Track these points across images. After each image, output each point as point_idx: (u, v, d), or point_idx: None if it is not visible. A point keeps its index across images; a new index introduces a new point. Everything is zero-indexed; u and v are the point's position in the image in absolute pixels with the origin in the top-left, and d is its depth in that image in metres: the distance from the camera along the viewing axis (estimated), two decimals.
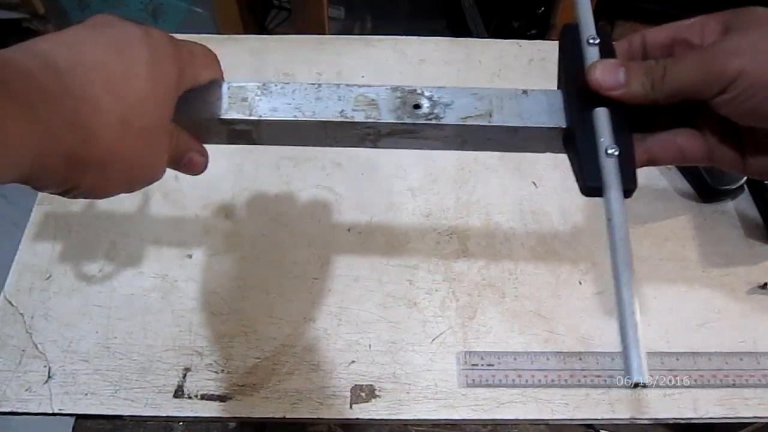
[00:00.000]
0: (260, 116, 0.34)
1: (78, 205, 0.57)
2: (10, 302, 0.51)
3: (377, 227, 0.56)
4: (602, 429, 0.50)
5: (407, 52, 0.69)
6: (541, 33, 1.35)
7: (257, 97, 0.34)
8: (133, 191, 0.31)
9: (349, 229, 0.56)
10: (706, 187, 0.57)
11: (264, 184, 0.59)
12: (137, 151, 0.29)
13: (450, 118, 0.33)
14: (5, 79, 0.23)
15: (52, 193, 0.29)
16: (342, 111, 0.34)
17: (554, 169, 0.60)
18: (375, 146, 0.36)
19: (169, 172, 0.62)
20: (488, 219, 0.57)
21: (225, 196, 0.58)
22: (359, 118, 0.33)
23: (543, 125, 0.33)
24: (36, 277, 0.53)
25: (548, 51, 0.69)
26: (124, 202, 0.57)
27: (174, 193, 0.58)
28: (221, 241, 0.55)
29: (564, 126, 0.33)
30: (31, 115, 0.23)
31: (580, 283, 0.53)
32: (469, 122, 0.33)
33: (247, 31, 1.45)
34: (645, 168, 0.62)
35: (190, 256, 0.54)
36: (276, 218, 0.56)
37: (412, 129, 0.34)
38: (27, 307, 0.51)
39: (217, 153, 0.60)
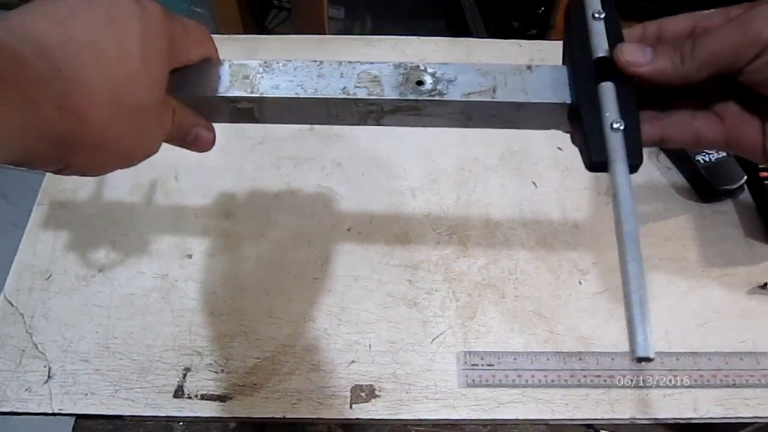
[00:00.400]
0: (262, 93, 0.33)
1: (78, 205, 0.57)
2: (10, 302, 0.51)
3: (377, 227, 0.56)
4: (602, 429, 0.50)
5: (407, 52, 0.69)
6: (541, 33, 1.35)
7: (259, 75, 0.34)
8: (127, 167, 0.31)
9: (349, 229, 0.56)
10: (706, 187, 0.57)
11: (264, 184, 0.59)
12: (129, 129, 0.29)
13: (453, 94, 0.33)
14: None
15: (45, 171, 0.29)
16: (344, 88, 0.33)
17: (554, 169, 0.60)
18: (378, 124, 0.35)
19: (170, 172, 0.62)
20: (488, 219, 0.57)
21: (225, 196, 0.58)
22: (362, 94, 0.33)
23: (548, 101, 0.33)
24: (36, 277, 0.53)
25: (548, 51, 0.69)
26: (124, 202, 0.57)
27: (174, 193, 0.58)
28: (221, 241, 0.55)
29: (569, 102, 0.33)
30: (21, 100, 0.23)
31: (580, 283, 0.53)
32: (472, 98, 0.33)
33: (247, 31, 1.45)
34: (646, 168, 0.63)
35: (190, 256, 0.54)
36: (276, 218, 0.56)
37: (416, 106, 0.34)
38: (27, 307, 0.51)
39: (218, 153, 0.60)
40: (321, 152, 0.61)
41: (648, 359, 0.26)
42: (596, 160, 0.30)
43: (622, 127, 0.30)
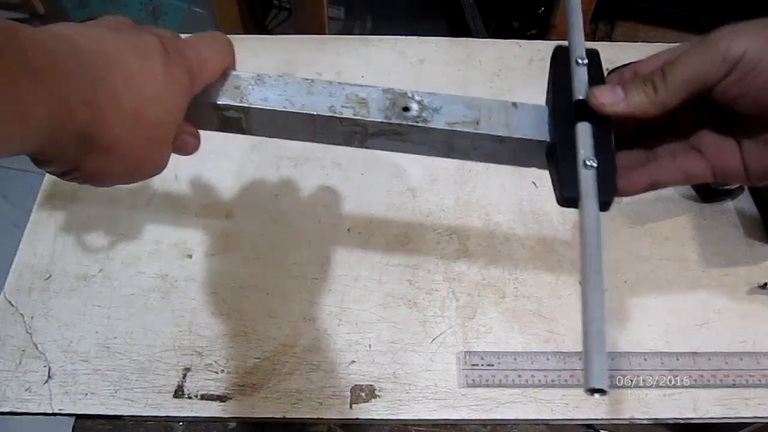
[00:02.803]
0: (251, 104, 0.34)
1: (78, 205, 0.57)
2: (10, 302, 0.51)
3: (377, 227, 0.56)
4: (602, 429, 0.50)
5: (407, 52, 0.69)
6: (541, 33, 1.35)
7: (250, 86, 0.35)
8: (131, 183, 0.32)
9: (349, 229, 0.56)
10: (706, 187, 0.57)
11: (264, 184, 0.59)
12: (144, 143, 0.30)
13: (437, 122, 0.34)
14: (30, 56, 0.24)
15: (52, 173, 0.29)
16: (331, 106, 0.34)
17: None
18: (362, 146, 0.36)
19: (170, 173, 0.62)
20: (488, 219, 0.57)
21: (225, 196, 0.58)
22: (347, 114, 0.34)
23: (528, 137, 0.34)
24: (36, 277, 0.53)
25: (548, 51, 0.68)
26: (124, 202, 0.57)
27: (174, 193, 0.58)
28: (221, 241, 0.55)
29: (548, 140, 0.34)
30: (50, 91, 0.25)
31: (580, 283, 0.53)
32: (456, 128, 0.34)
33: (247, 31, 1.45)
34: None
35: (190, 256, 0.54)
36: (276, 218, 0.56)
37: (399, 131, 0.34)
38: (27, 307, 0.51)
39: (218, 153, 0.60)
40: (321, 152, 0.61)
41: (602, 391, 0.26)
42: (567, 195, 0.31)
43: (595, 164, 0.31)
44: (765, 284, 0.52)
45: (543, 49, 0.69)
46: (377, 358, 0.49)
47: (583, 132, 0.32)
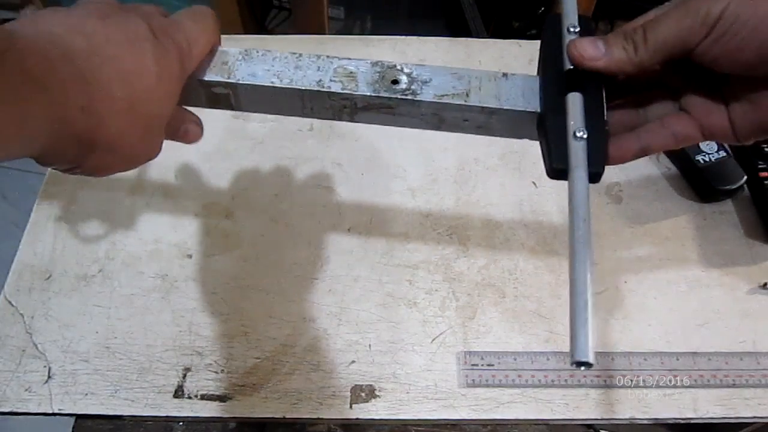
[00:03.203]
0: (238, 80, 0.34)
1: (78, 205, 0.57)
2: (10, 302, 0.51)
3: (377, 227, 0.56)
4: (602, 429, 0.50)
5: (407, 52, 0.69)
6: (541, 33, 1.35)
7: (237, 62, 0.34)
8: (129, 170, 0.33)
9: (349, 229, 0.56)
10: (706, 187, 0.57)
11: (264, 184, 0.59)
12: (140, 135, 0.31)
13: (426, 95, 0.33)
14: (28, 66, 0.24)
15: (56, 169, 0.30)
16: (320, 81, 0.34)
17: None
18: (352, 120, 0.36)
19: (170, 172, 0.62)
20: (488, 219, 0.57)
21: (225, 196, 0.58)
22: (336, 88, 0.34)
23: (518, 108, 0.33)
24: (36, 277, 0.53)
25: None
26: (123, 202, 0.57)
27: (174, 193, 0.58)
28: (221, 241, 0.55)
29: (539, 110, 0.33)
30: (49, 99, 0.25)
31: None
32: (445, 100, 0.33)
33: (247, 31, 1.45)
34: (646, 168, 0.63)
35: (190, 256, 0.54)
36: (276, 218, 0.56)
37: (389, 104, 0.34)
38: (27, 307, 0.51)
39: (218, 153, 0.60)
40: (321, 152, 0.61)
41: (587, 364, 0.26)
42: (556, 167, 0.31)
43: (585, 136, 0.30)
44: (765, 284, 0.52)
45: None
46: (377, 358, 0.49)
47: (574, 102, 0.31)
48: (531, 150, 0.61)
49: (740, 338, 0.50)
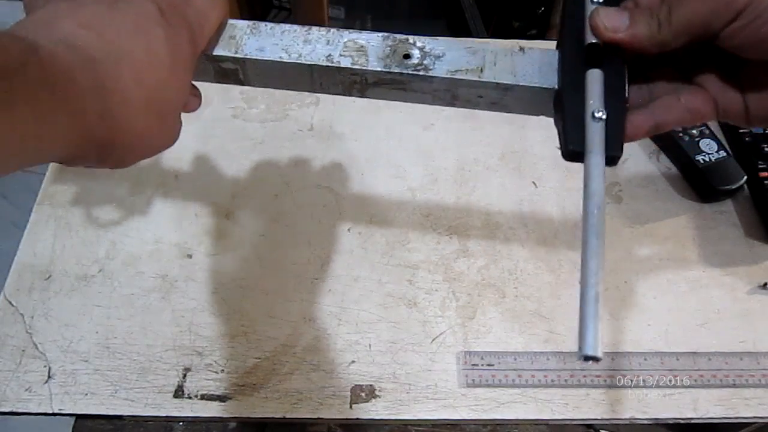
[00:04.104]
0: (246, 54, 0.33)
1: (78, 205, 0.57)
2: (10, 302, 0.51)
3: (377, 227, 0.56)
4: (602, 429, 0.50)
5: None
6: (541, 33, 1.35)
7: (246, 36, 0.34)
8: (150, 157, 0.33)
9: (349, 229, 0.56)
10: (706, 187, 0.57)
11: (264, 184, 0.59)
12: (159, 128, 0.31)
13: (439, 70, 0.32)
14: (52, 78, 0.24)
15: (80, 166, 0.30)
16: (329, 55, 0.33)
17: (554, 169, 0.60)
18: (362, 96, 0.35)
19: (170, 173, 0.62)
20: (488, 219, 0.57)
21: (225, 196, 0.58)
22: (345, 63, 0.32)
23: (535, 85, 0.32)
24: (36, 277, 0.53)
25: None
26: (124, 203, 0.57)
27: (174, 193, 0.58)
28: (221, 241, 0.55)
29: (556, 87, 0.32)
30: (70, 110, 0.25)
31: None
32: (458, 76, 0.32)
33: None
34: (646, 168, 0.63)
35: (190, 256, 0.54)
36: (276, 218, 0.56)
37: (400, 79, 0.33)
38: (27, 307, 0.51)
39: (218, 153, 0.60)
40: (321, 152, 0.61)
41: (595, 359, 0.25)
42: (572, 149, 0.29)
43: (604, 117, 0.28)
44: (765, 284, 0.52)
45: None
46: (377, 358, 0.49)
47: (594, 80, 0.29)
48: (531, 150, 0.61)
49: (740, 338, 0.50)
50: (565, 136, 0.30)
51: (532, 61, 0.32)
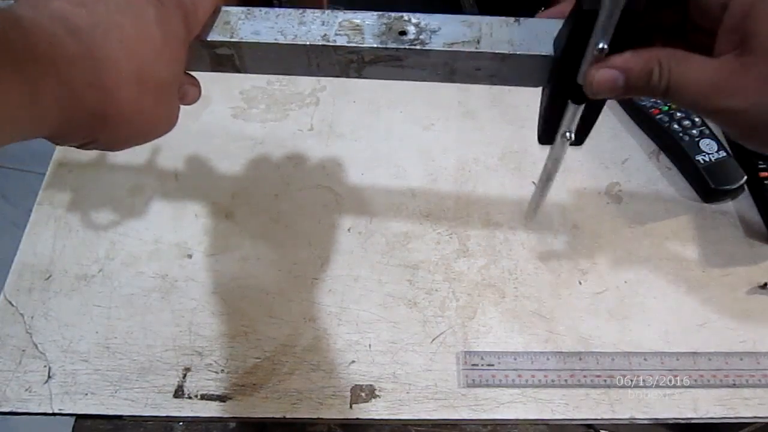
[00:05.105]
0: (241, 38, 0.33)
1: (78, 205, 0.57)
2: (10, 302, 0.51)
3: (377, 227, 0.56)
4: (602, 429, 0.50)
5: None
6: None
7: (240, 21, 0.34)
8: (147, 142, 0.33)
9: (349, 229, 0.56)
10: (706, 187, 0.57)
11: (264, 184, 0.59)
12: (152, 104, 0.30)
13: (435, 44, 0.32)
14: (35, 45, 0.24)
15: (72, 146, 0.30)
16: (325, 35, 0.33)
17: None
18: (360, 75, 0.35)
19: (170, 172, 0.62)
20: (488, 219, 0.57)
21: (225, 196, 0.58)
22: (341, 42, 0.33)
23: (532, 53, 0.32)
24: (36, 277, 0.53)
25: None
26: (124, 202, 0.57)
27: (174, 193, 0.58)
28: (221, 241, 0.55)
29: (552, 54, 0.32)
30: (58, 77, 0.25)
31: (580, 283, 0.53)
32: (455, 48, 0.32)
33: None
34: (646, 168, 0.63)
35: (190, 256, 0.54)
36: (276, 218, 0.56)
37: (397, 55, 0.33)
38: (27, 307, 0.51)
39: (218, 153, 0.60)
40: (321, 152, 0.61)
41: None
42: (542, 142, 0.35)
43: (572, 138, 0.32)
44: (765, 284, 0.52)
45: None
46: (377, 358, 0.49)
47: (571, 111, 0.31)
48: (531, 150, 0.61)
49: (740, 338, 0.50)
50: (541, 128, 0.34)
51: (529, 30, 0.32)
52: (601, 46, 0.28)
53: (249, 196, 0.58)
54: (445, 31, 0.32)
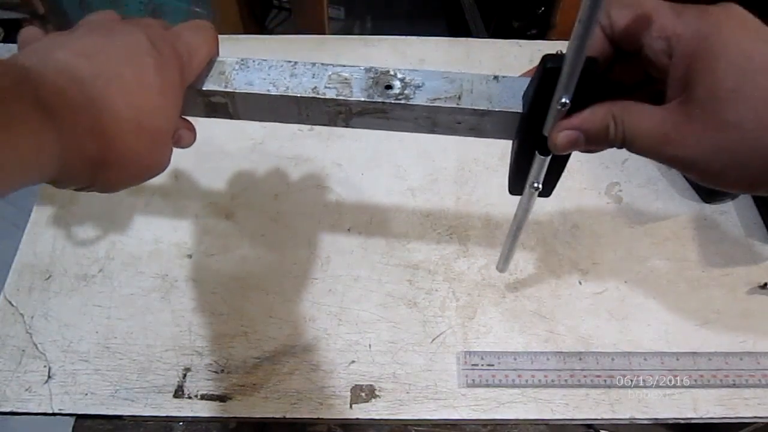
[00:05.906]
0: (235, 89, 0.35)
1: (78, 205, 0.57)
2: (10, 302, 0.51)
3: (377, 227, 0.56)
4: (602, 429, 0.50)
5: (407, 52, 0.69)
6: (541, 33, 1.35)
7: (234, 71, 0.35)
8: (140, 183, 0.34)
9: (349, 229, 0.56)
10: (706, 187, 0.57)
11: (264, 184, 0.59)
12: (149, 149, 0.31)
13: (419, 99, 0.34)
14: (41, 96, 0.25)
15: (70, 189, 0.31)
16: (315, 87, 0.34)
17: None
18: (347, 125, 0.36)
19: (170, 173, 0.62)
20: (488, 219, 0.57)
21: (225, 196, 0.58)
22: (330, 95, 0.34)
23: (509, 110, 0.34)
24: (36, 277, 0.53)
25: (548, 51, 0.69)
26: (123, 203, 0.57)
27: (174, 193, 0.58)
28: (221, 241, 0.55)
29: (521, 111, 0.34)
30: (60, 127, 0.26)
31: (580, 283, 0.53)
32: (437, 104, 0.34)
33: (247, 31, 1.45)
34: (646, 168, 0.63)
35: (190, 256, 0.54)
36: (276, 218, 0.56)
37: (382, 108, 0.35)
38: (27, 307, 0.51)
39: (218, 153, 0.60)
40: (321, 152, 0.61)
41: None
42: (512, 192, 0.38)
43: (540, 187, 0.35)
44: (765, 284, 0.52)
45: (543, 49, 0.69)
46: (377, 358, 0.49)
47: (539, 163, 0.34)
48: None
49: (740, 338, 0.50)
50: (511, 180, 0.37)
51: (507, 88, 0.34)
52: (563, 100, 0.29)
53: (249, 196, 0.58)
54: (429, 86, 0.34)
